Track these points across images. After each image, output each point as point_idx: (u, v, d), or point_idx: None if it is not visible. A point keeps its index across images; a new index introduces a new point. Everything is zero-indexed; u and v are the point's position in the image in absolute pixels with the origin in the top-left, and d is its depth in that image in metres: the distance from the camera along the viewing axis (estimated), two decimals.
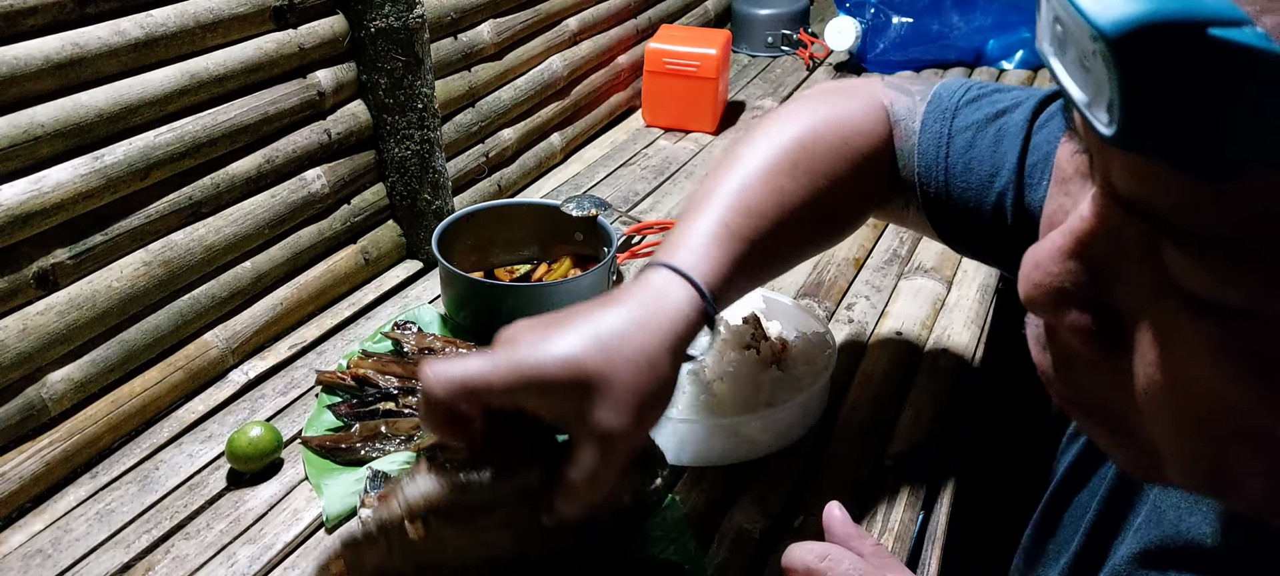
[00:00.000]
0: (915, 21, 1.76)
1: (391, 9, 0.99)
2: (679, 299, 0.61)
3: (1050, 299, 0.35)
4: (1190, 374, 0.32)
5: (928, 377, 0.93)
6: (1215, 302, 0.30)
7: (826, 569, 0.59)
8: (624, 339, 0.57)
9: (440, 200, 1.10)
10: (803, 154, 0.72)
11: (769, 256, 0.70)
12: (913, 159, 0.77)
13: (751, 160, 0.71)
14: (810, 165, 0.72)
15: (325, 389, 0.87)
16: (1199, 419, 0.33)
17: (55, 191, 0.75)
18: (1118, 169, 0.31)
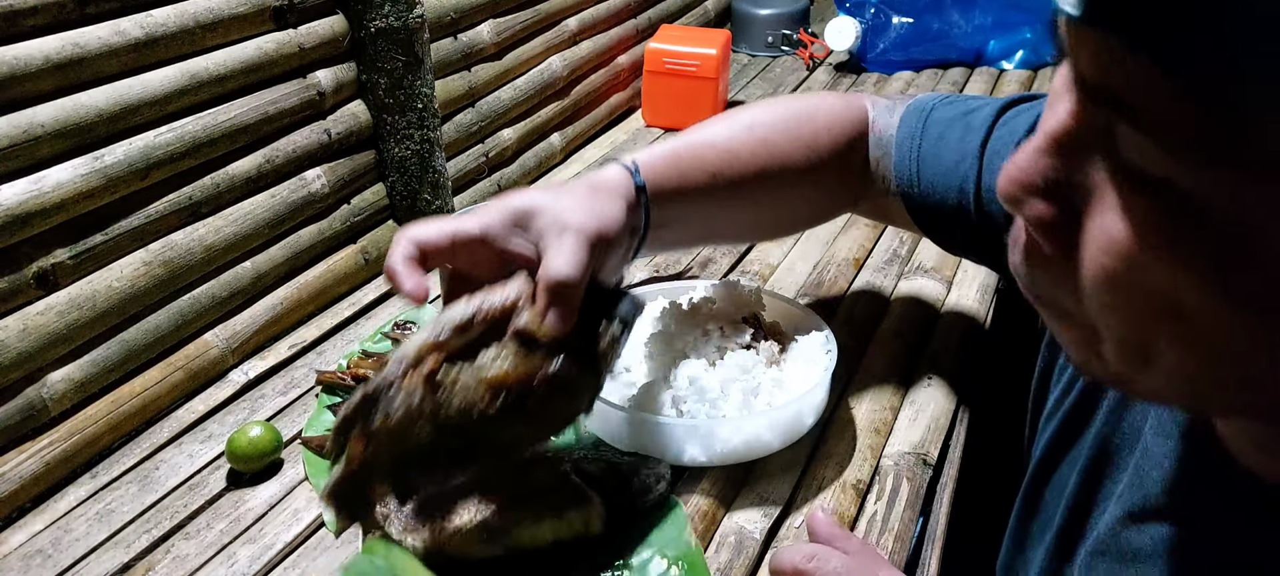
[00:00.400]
0: (915, 21, 1.76)
1: (391, 9, 0.99)
2: (618, 174, 0.74)
3: (1021, 191, 0.39)
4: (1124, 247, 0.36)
5: (928, 377, 0.93)
6: (1156, 177, 0.34)
7: (815, 569, 0.60)
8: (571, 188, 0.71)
9: (440, 200, 1.10)
10: (760, 117, 0.82)
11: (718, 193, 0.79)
12: (889, 150, 0.84)
13: (720, 119, 0.83)
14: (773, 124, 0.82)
15: (325, 389, 0.87)
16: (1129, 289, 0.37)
17: (55, 191, 0.75)
18: (1085, 58, 0.34)
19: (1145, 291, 0.36)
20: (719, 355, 0.82)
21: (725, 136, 0.80)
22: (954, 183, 0.80)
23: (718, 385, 0.78)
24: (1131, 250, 0.36)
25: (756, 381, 0.80)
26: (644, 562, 0.70)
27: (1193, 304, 0.35)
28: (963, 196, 0.79)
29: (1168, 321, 0.36)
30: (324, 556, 0.72)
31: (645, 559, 0.71)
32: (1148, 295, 0.36)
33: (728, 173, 0.79)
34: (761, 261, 1.13)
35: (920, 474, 0.82)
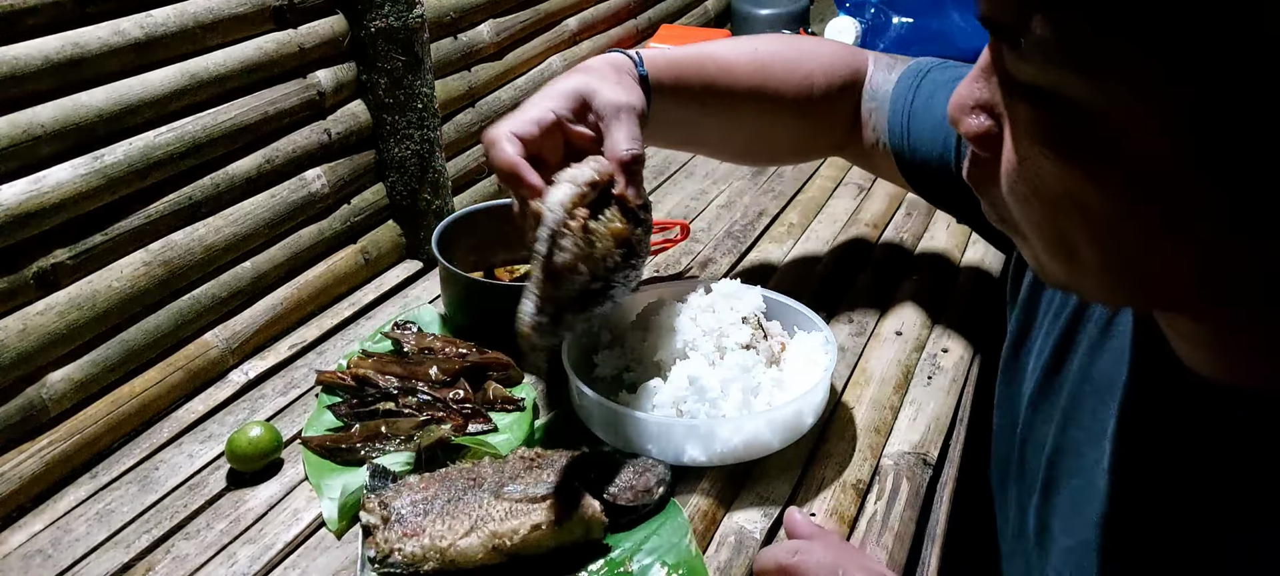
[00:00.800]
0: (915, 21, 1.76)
1: (391, 9, 0.99)
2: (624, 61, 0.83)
3: (960, 112, 0.47)
4: (1024, 153, 0.42)
5: (928, 377, 0.93)
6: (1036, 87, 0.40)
7: (799, 563, 0.60)
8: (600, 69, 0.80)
9: (440, 200, 1.10)
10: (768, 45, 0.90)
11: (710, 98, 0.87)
12: (883, 105, 0.92)
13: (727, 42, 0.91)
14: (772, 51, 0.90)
15: (325, 389, 0.87)
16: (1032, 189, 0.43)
17: (55, 191, 0.75)
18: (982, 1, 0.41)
19: (1045, 190, 0.42)
20: (719, 354, 0.82)
21: (726, 53, 0.87)
22: (939, 139, 0.87)
23: (718, 385, 0.78)
24: (1025, 153, 0.42)
25: (756, 381, 0.80)
26: (644, 569, 0.70)
27: (1085, 199, 0.41)
28: (946, 151, 0.86)
29: (1068, 216, 0.42)
30: (324, 556, 0.72)
31: (645, 565, 0.71)
32: (1047, 194, 0.42)
33: (722, 85, 0.86)
34: (762, 261, 1.13)
35: (920, 474, 0.82)
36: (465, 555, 0.67)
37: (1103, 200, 0.40)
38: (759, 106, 0.89)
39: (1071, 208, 0.42)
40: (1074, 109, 0.39)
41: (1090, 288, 0.46)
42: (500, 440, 0.81)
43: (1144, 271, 0.43)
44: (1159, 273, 0.42)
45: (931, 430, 0.86)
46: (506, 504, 0.70)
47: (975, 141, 0.46)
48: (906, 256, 1.14)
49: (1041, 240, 0.45)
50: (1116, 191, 0.40)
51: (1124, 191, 0.40)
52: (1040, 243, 0.45)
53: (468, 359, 0.88)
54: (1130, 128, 0.38)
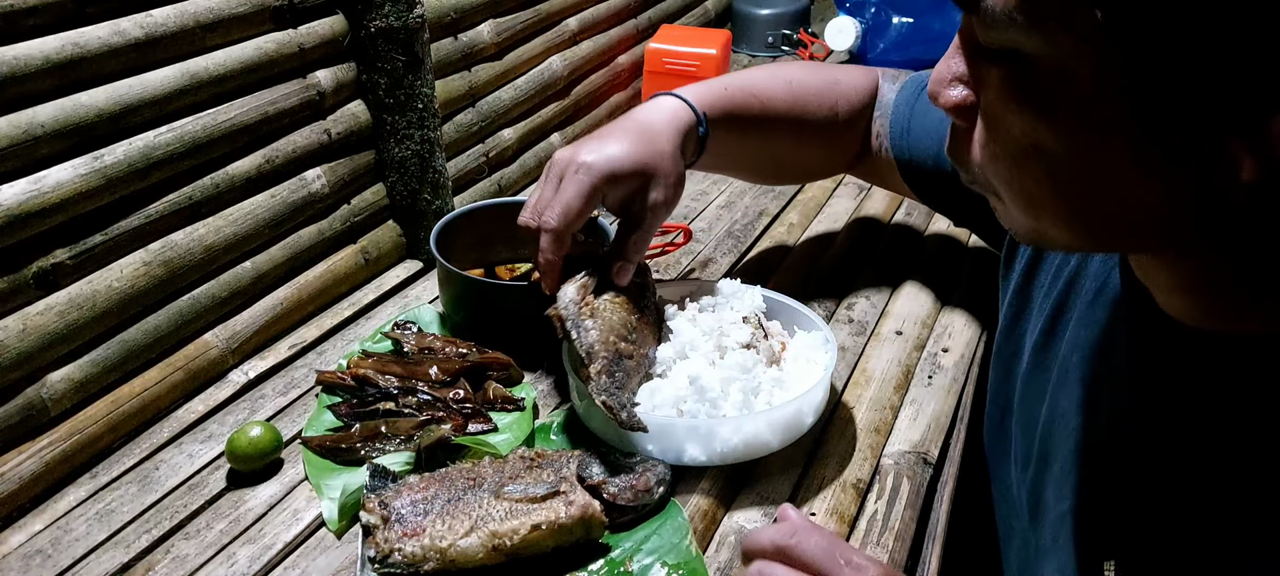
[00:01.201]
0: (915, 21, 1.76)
1: (391, 9, 0.99)
2: (682, 114, 0.88)
3: (939, 86, 0.51)
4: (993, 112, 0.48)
5: (928, 377, 0.93)
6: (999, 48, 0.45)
7: (797, 543, 0.61)
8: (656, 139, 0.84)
9: (440, 200, 1.10)
10: (801, 76, 0.95)
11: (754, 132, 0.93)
12: (887, 113, 0.97)
13: (764, 71, 0.97)
14: (805, 84, 0.95)
15: (325, 389, 0.87)
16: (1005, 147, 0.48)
17: (55, 191, 0.75)
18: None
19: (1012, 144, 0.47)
20: (719, 354, 0.82)
21: (767, 88, 0.93)
22: (936, 140, 0.91)
23: (718, 385, 0.78)
24: (994, 112, 0.47)
25: (757, 381, 0.80)
26: (644, 569, 0.70)
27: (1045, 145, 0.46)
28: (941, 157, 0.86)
29: (1033, 166, 0.47)
30: (324, 556, 0.72)
31: (645, 565, 0.71)
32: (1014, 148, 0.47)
33: (764, 119, 0.92)
34: (761, 261, 1.13)
35: (920, 473, 0.82)
36: (465, 555, 0.67)
37: (1059, 145, 0.45)
38: (794, 135, 0.95)
39: (1035, 157, 0.47)
40: (1031, 63, 0.44)
41: (1057, 235, 0.50)
42: (500, 440, 0.81)
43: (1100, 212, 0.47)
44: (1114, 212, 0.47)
45: (931, 430, 0.86)
46: (506, 504, 0.70)
47: (953, 112, 0.51)
48: (907, 255, 1.14)
49: (1012, 195, 0.50)
50: (1070, 135, 0.45)
51: (1076, 135, 0.45)
52: (1012, 198, 0.50)
53: (468, 359, 0.88)
54: (1077, 73, 0.43)
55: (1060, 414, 0.64)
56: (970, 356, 0.97)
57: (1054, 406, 0.65)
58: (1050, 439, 0.65)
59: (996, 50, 0.46)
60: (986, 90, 0.48)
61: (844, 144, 0.99)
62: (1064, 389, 0.64)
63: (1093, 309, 0.62)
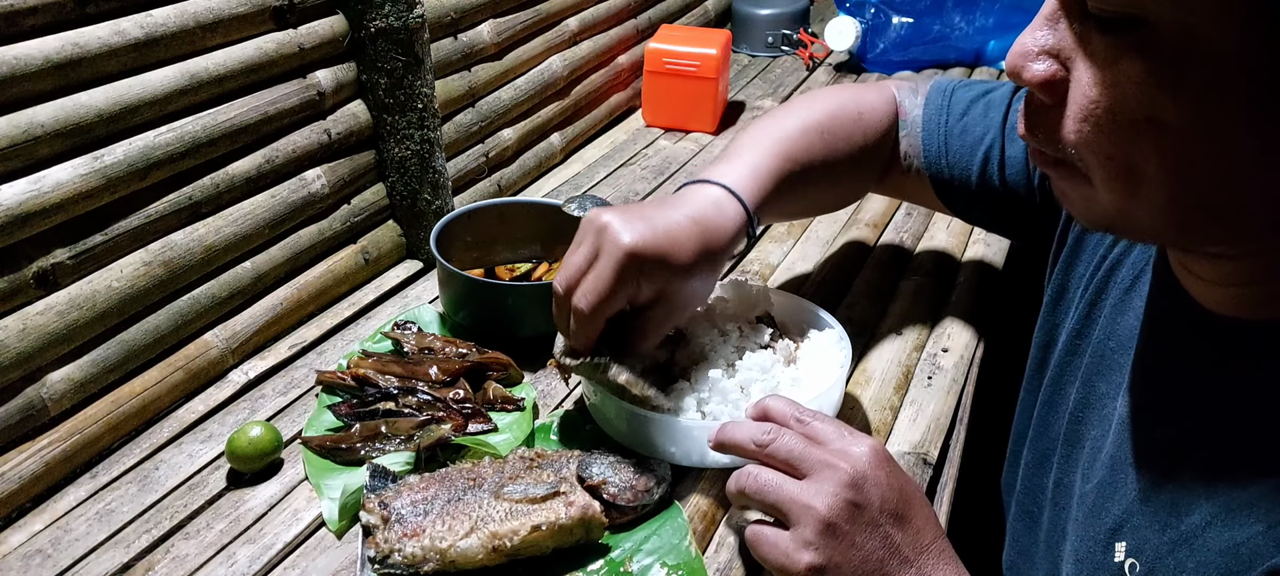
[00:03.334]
0: (915, 21, 1.76)
1: (391, 9, 0.99)
2: (732, 213, 0.79)
3: (1023, 60, 0.50)
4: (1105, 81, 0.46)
5: (928, 378, 0.93)
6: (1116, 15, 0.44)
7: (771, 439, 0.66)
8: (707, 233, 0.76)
9: (440, 200, 1.10)
10: (829, 121, 0.89)
11: (795, 196, 0.87)
12: (916, 129, 0.93)
13: (790, 120, 0.88)
14: (834, 130, 0.89)
15: (325, 389, 0.87)
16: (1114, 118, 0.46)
17: (55, 191, 0.75)
18: None
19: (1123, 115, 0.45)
20: (738, 355, 0.82)
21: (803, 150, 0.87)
22: (979, 155, 0.89)
23: (738, 386, 0.78)
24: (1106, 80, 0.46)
25: (775, 381, 0.80)
26: (644, 569, 0.70)
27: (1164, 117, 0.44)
28: (987, 165, 0.88)
29: (1144, 139, 0.45)
30: (324, 556, 0.72)
31: (645, 565, 0.71)
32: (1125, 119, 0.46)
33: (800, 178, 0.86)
34: (762, 261, 1.13)
35: (920, 474, 0.82)
36: (465, 555, 0.67)
37: (1179, 117, 0.44)
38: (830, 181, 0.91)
39: (1148, 131, 0.45)
40: (1154, 31, 0.43)
41: (1144, 217, 0.49)
42: (500, 440, 0.81)
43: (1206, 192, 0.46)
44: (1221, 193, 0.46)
45: (931, 430, 0.86)
46: (506, 504, 0.70)
47: (1040, 88, 0.50)
48: (906, 256, 1.14)
49: (1111, 172, 0.48)
50: (1193, 108, 0.43)
51: (1201, 108, 0.43)
52: (1109, 175, 0.48)
53: (468, 359, 0.88)
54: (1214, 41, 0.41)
55: (1094, 399, 0.65)
56: (970, 358, 0.97)
57: (1088, 390, 0.66)
58: (1080, 423, 0.66)
59: (1112, 17, 0.44)
60: (1093, 59, 0.46)
61: (870, 171, 0.95)
62: (1099, 374, 0.65)
63: (1129, 297, 0.63)
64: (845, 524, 0.61)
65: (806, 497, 0.62)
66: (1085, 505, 0.63)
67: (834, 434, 0.66)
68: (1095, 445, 0.64)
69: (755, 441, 0.67)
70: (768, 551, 0.64)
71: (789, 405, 0.69)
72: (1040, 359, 0.78)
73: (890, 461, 0.65)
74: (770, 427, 0.67)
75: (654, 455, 0.78)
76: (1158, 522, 0.55)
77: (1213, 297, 0.54)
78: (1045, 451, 0.73)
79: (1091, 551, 0.60)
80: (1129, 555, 0.57)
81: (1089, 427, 0.65)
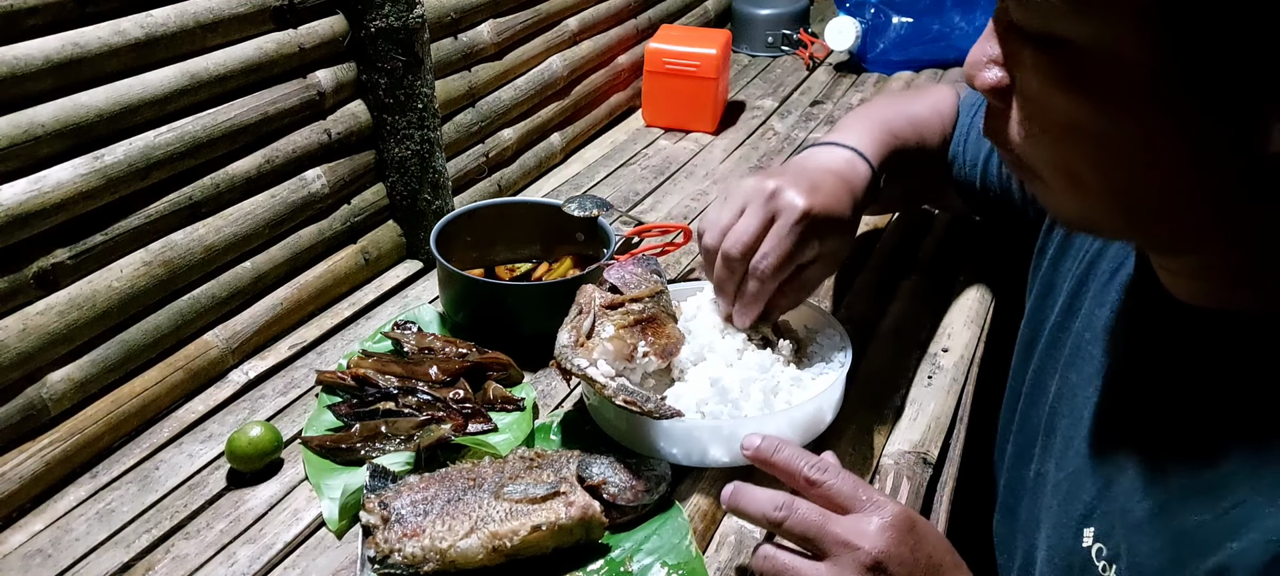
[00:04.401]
0: (915, 21, 1.76)
1: (391, 9, 0.99)
2: (862, 170, 0.87)
3: (977, 66, 0.52)
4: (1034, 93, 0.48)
5: (928, 378, 0.93)
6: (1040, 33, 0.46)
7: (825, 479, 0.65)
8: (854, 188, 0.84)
9: (440, 200, 1.10)
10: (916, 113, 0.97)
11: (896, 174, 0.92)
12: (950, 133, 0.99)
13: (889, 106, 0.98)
14: (920, 120, 0.96)
15: (325, 389, 0.87)
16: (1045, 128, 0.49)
17: (55, 191, 0.75)
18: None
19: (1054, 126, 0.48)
20: (738, 355, 0.82)
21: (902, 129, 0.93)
22: (983, 155, 0.94)
23: (738, 385, 0.78)
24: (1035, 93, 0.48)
25: (775, 380, 0.80)
26: (644, 569, 0.70)
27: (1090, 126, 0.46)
28: (989, 165, 0.93)
29: (1076, 146, 0.48)
30: (324, 556, 0.72)
31: (645, 565, 0.71)
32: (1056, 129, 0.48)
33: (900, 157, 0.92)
34: None
35: (920, 474, 0.82)
36: (465, 556, 0.67)
37: (1105, 125, 0.46)
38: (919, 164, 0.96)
39: (1079, 138, 0.47)
40: (1072, 47, 0.45)
41: (1100, 217, 0.51)
42: (500, 440, 0.81)
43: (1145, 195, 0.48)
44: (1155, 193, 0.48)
45: (931, 430, 0.86)
46: (506, 504, 0.70)
47: (990, 93, 0.52)
48: (907, 256, 1.14)
49: (1054, 176, 0.51)
50: (1114, 117, 0.46)
51: (1121, 116, 0.46)
52: (1054, 179, 0.51)
53: (468, 359, 0.88)
54: (1125, 56, 0.44)
55: (1068, 388, 0.66)
56: (970, 356, 0.97)
57: (1063, 381, 0.67)
58: (1056, 413, 0.67)
59: (1036, 34, 0.47)
60: (1023, 71, 0.49)
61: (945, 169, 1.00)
62: (1074, 365, 0.66)
63: (1107, 289, 0.65)
64: None
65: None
66: (1059, 493, 0.64)
67: (851, 496, 0.63)
68: (1067, 435, 0.65)
69: (768, 517, 0.64)
70: None
71: (799, 457, 0.66)
72: (1025, 354, 0.79)
73: (913, 530, 0.62)
74: (784, 500, 0.64)
75: (654, 455, 0.78)
76: (1120, 508, 0.57)
77: (1182, 288, 0.55)
78: (1025, 444, 0.74)
79: (1063, 537, 0.62)
80: (1096, 540, 0.58)
81: (1063, 417, 0.66)
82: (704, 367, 0.81)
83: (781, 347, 0.84)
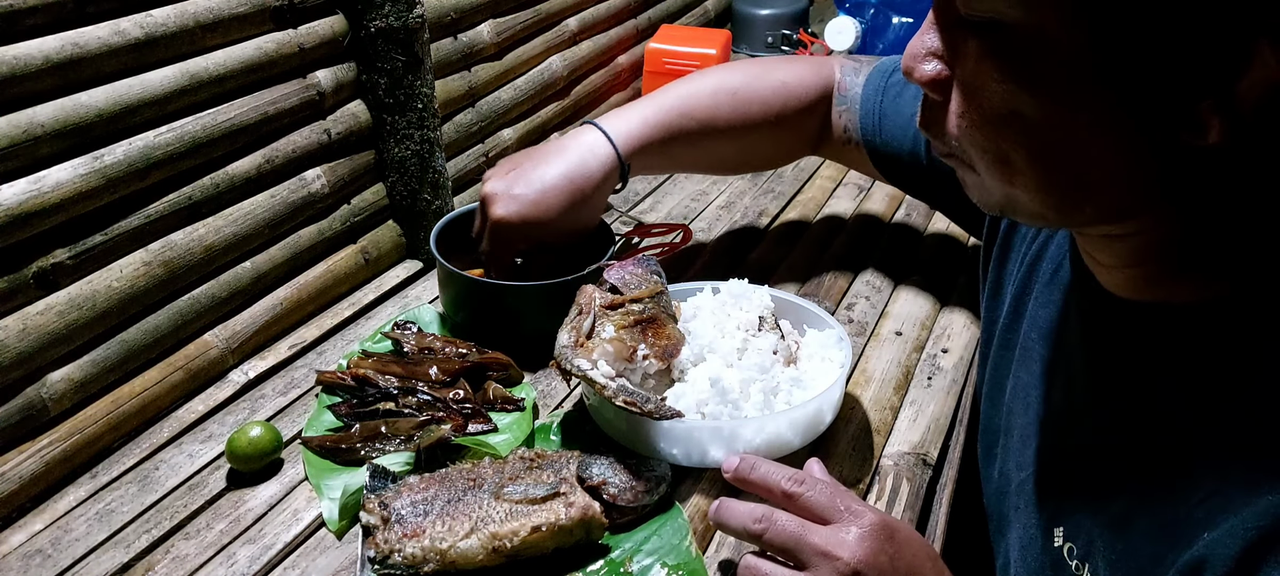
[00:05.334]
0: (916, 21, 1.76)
1: (391, 9, 0.99)
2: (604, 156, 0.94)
3: (916, 59, 0.53)
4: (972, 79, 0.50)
5: (928, 378, 0.93)
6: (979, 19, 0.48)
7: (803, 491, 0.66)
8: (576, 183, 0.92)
9: (440, 200, 1.10)
10: (744, 86, 0.98)
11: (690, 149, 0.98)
12: (855, 105, 0.99)
13: (703, 81, 0.99)
14: (748, 95, 0.98)
15: (325, 389, 0.87)
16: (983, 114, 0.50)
17: (55, 191, 0.75)
18: None
19: (990, 111, 0.49)
20: (737, 355, 0.82)
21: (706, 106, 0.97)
22: (908, 133, 0.94)
23: (738, 386, 0.78)
24: (974, 80, 0.49)
25: (775, 381, 0.80)
26: (644, 569, 0.70)
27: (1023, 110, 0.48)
28: (916, 145, 0.94)
29: (1010, 131, 0.49)
30: (324, 556, 0.72)
31: (645, 565, 0.71)
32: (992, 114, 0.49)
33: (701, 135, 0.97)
34: (762, 261, 1.13)
35: (920, 474, 0.82)
36: (465, 556, 0.67)
37: (1037, 111, 0.47)
38: (736, 140, 1.00)
39: (1013, 122, 0.49)
40: (1011, 32, 0.47)
41: (1027, 202, 0.52)
42: (500, 440, 0.81)
43: (1070, 178, 0.49)
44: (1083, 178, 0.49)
45: (931, 430, 0.86)
46: (506, 505, 0.70)
47: (928, 86, 0.53)
48: (906, 256, 1.14)
49: (988, 163, 0.52)
50: (1047, 102, 0.47)
51: (1053, 102, 0.47)
52: (986, 166, 0.52)
53: (468, 359, 0.88)
54: (1054, 41, 0.45)
55: (1020, 389, 0.67)
56: (970, 358, 0.97)
57: (1015, 383, 0.68)
58: (1011, 414, 0.69)
59: (978, 21, 0.48)
60: (965, 60, 0.50)
61: (793, 140, 1.04)
62: (1023, 365, 0.67)
63: (1049, 289, 0.66)
64: None
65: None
66: (1023, 494, 0.65)
67: (828, 506, 0.65)
68: (1023, 434, 0.66)
69: (748, 529, 0.66)
70: None
71: (776, 472, 0.68)
72: (983, 354, 0.80)
73: (892, 538, 0.64)
74: (763, 513, 0.66)
75: (654, 455, 0.78)
76: (1088, 509, 0.57)
77: (1114, 281, 0.56)
78: (990, 444, 0.74)
79: (1034, 538, 0.62)
80: (1067, 540, 0.59)
81: (1017, 418, 0.67)
82: (704, 368, 0.81)
83: (781, 348, 0.84)
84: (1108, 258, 0.56)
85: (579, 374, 0.75)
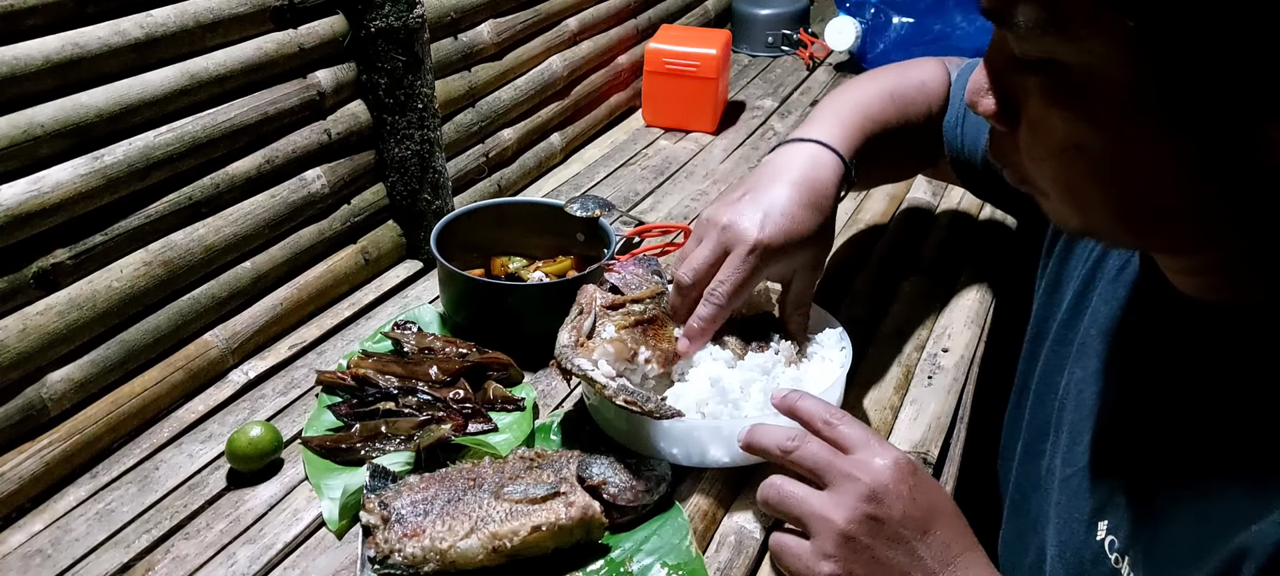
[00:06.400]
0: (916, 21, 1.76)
1: (391, 9, 0.99)
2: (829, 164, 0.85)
3: (979, 93, 0.54)
4: (1036, 116, 0.51)
5: (928, 378, 0.93)
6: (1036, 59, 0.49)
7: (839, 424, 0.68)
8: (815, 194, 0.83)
9: (440, 200, 1.10)
10: (897, 87, 0.95)
11: (876, 156, 0.92)
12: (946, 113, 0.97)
13: (864, 86, 0.95)
14: (904, 95, 0.95)
15: (325, 389, 0.87)
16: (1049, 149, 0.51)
17: (55, 191, 0.75)
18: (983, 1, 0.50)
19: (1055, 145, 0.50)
20: (738, 355, 0.82)
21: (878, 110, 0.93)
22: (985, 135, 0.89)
23: (738, 385, 0.78)
24: (1037, 116, 0.50)
25: (776, 381, 0.80)
26: (644, 569, 0.70)
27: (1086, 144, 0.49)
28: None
29: (1075, 163, 0.50)
30: (324, 556, 0.72)
31: (645, 565, 0.71)
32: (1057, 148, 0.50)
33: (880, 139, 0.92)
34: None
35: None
36: (465, 556, 0.67)
37: (1099, 143, 0.48)
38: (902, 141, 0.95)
39: (1077, 156, 0.49)
40: (1066, 70, 0.47)
41: (1104, 227, 0.53)
42: (500, 440, 0.81)
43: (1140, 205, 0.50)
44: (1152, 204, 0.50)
45: (931, 430, 0.86)
46: (507, 504, 0.70)
47: (993, 118, 0.54)
48: (907, 256, 1.14)
49: (1058, 192, 0.53)
50: (1109, 134, 0.48)
51: (1114, 133, 0.48)
52: (1057, 194, 0.53)
53: (468, 359, 0.88)
54: (1110, 76, 0.46)
55: (1075, 384, 0.67)
56: (970, 357, 0.97)
57: (1069, 379, 0.68)
58: (1063, 410, 0.68)
59: (1033, 60, 0.49)
60: (1027, 96, 0.51)
61: (934, 142, 0.99)
62: (1081, 361, 0.67)
63: (1114, 286, 0.66)
64: (865, 537, 0.63)
65: (825, 510, 0.65)
66: (1068, 489, 0.65)
67: (860, 441, 0.67)
68: (1075, 430, 0.66)
69: (780, 447, 0.68)
70: (790, 562, 0.67)
71: (819, 406, 0.71)
72: (1032, 350, 0.79)
73: (914, 474, 0.66)
74: (796, 433, 0.68)
75: (654, 455, 0.78)
76: (1135, 502, 0.58)
77: (1188, 284, 0.56)
78: (1034, 440, 0.74)
79: (1074, 532, 0.63)
80: (1109, 533, 0.59)
81: (1070, 413, 0.67)
82: (704, 368, 0.81)
83: (782, 348, 0.84)
84: (1182, 263, 0.56)
85: (579, 373, 0.75)
